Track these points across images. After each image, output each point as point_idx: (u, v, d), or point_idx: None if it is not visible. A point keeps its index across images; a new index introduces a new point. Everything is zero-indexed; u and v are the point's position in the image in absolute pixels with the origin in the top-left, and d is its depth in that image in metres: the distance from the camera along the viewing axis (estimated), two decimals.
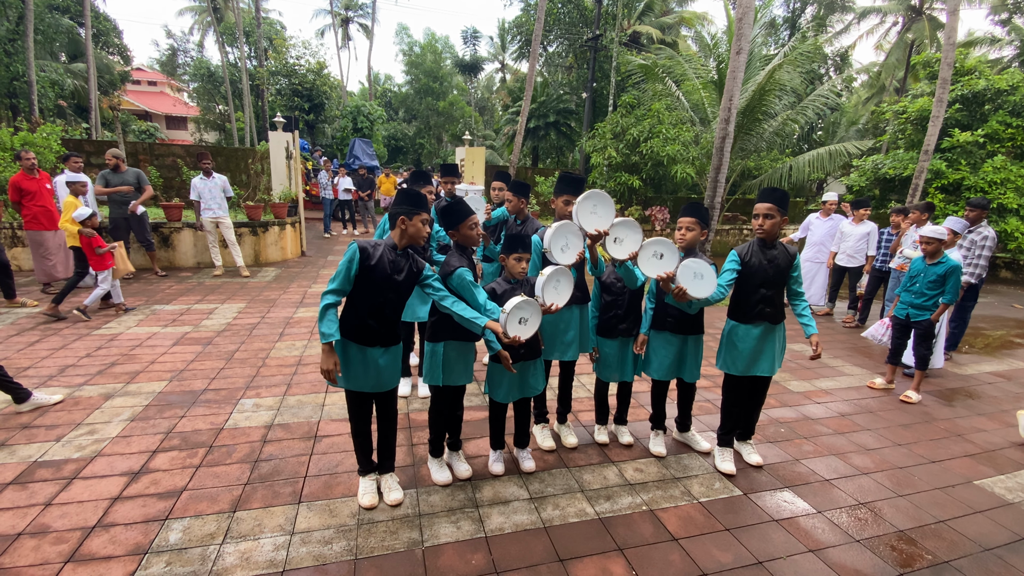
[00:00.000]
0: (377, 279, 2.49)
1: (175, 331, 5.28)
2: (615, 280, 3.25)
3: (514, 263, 2.82)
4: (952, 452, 3.67)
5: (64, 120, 22.62)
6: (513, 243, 2.84)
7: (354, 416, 2.69)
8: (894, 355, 4.76)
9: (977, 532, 2.78)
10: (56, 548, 2.31)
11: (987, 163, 10.95)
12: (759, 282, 3.03)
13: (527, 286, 2.89)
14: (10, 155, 7.64)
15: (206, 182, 7.45)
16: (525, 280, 2.91)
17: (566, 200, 3.15)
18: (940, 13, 23.14)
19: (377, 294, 2.51)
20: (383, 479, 2.83)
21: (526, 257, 2.84)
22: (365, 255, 2.46)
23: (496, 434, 3.11)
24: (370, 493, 2.74)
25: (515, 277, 2.87)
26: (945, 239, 4.33)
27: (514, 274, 2.85)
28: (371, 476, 2.81)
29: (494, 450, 3.13)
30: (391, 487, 2.79)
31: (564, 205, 3.17)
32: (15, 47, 18.07)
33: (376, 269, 2.48)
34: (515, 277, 2.87)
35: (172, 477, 2.88)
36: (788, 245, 3.13)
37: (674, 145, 12.25)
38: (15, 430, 3.29)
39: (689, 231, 3.02)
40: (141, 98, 36.31)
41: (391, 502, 2.72)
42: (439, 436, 2.99)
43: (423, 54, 32.34)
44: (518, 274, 2.84)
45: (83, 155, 7.04)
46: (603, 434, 3.54)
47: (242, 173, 13.60)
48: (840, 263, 7.09)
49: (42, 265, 6.20)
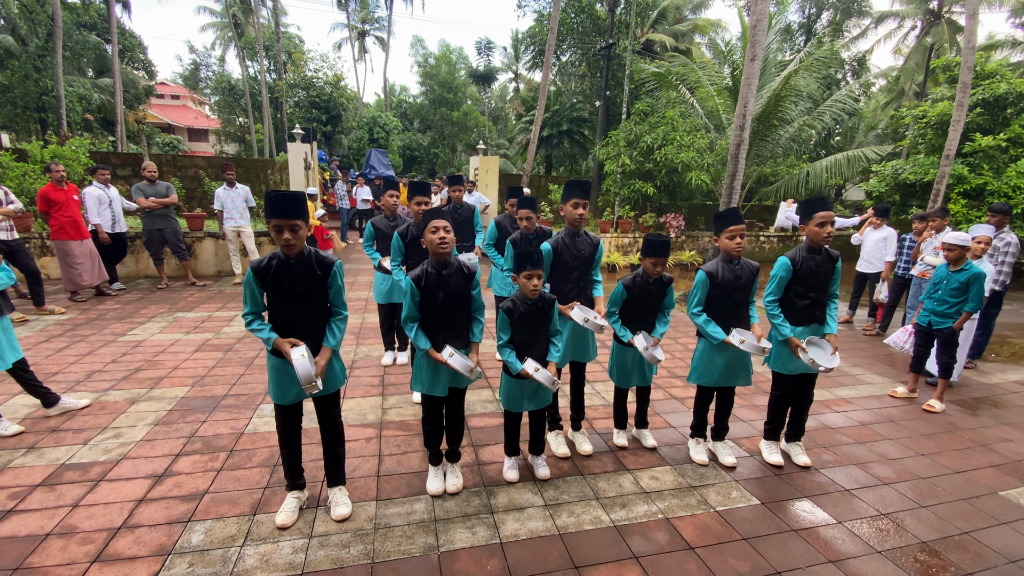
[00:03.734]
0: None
1: (197, 338, 5.40)
2: (641, 285, 3.26)
3: (525, 281, 2.75)
4: (977, 462, 3.58)
5: (91, 133, 23.32)
6: (522, 261, 2.74)
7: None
8: (917, 363, 4.67)
9: (1003, 544, 2.71)
10: (83, 548, 2.38)
11: (1010, 167, 10.74)
12: (809, 287, 3.18)
13: (541, 312, 2.86)
14: (40, 167, 7.91)
15: (229, 192, 7.63)
16: (540, 297, 2.83)
17: (575, 203, 3.23)
18: (959, 16, 22.78)
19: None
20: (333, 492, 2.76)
21: (537, 273, 2.74)
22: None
23: (510, 441, 3.13)
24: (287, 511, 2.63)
25: (529, 297, 2.79)
26: (969, 246, 4.26)
27: (526, 293, 2.77)
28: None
29: (508, 456, 3.15)
30: (338, 501, 2.71)
31: (572, 208, 3.24)
32: (44, 63, 18.72)
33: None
34: (529, 297, 2.79)
35: (194, 480, 2.94)
36: (831, 249, 3.26)
37: (688, 152, 12.22)
38: (44, 433, 3.39)
39: (743, 238, 3.17)
40: (165, 111, 37.28)
41: (336, 517, 2.63)
42: (427, 443, 2.95)
43: (437, 65, 32.72)
44: (531, 292, 2.75)
45: (109, 167, 7.25)
46: (622, 437, 3.55)
47: (262, 183, 13.89)
48: (860, 269, 7.01)
49: (69, 274, 6.39)
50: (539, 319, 2.87)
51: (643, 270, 3.24)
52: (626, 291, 3.25)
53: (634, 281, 3.25)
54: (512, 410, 3.00)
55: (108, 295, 6.93)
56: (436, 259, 2.72)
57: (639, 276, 3.25)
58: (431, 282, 2.68)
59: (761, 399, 4.45)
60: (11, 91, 18.32)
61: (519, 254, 2.77)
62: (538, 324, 2.88)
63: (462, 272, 2.77)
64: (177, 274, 8.10)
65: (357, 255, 11.28)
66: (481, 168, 13.08)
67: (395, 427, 3.67)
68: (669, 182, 13.53)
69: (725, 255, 3.19)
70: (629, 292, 3.25)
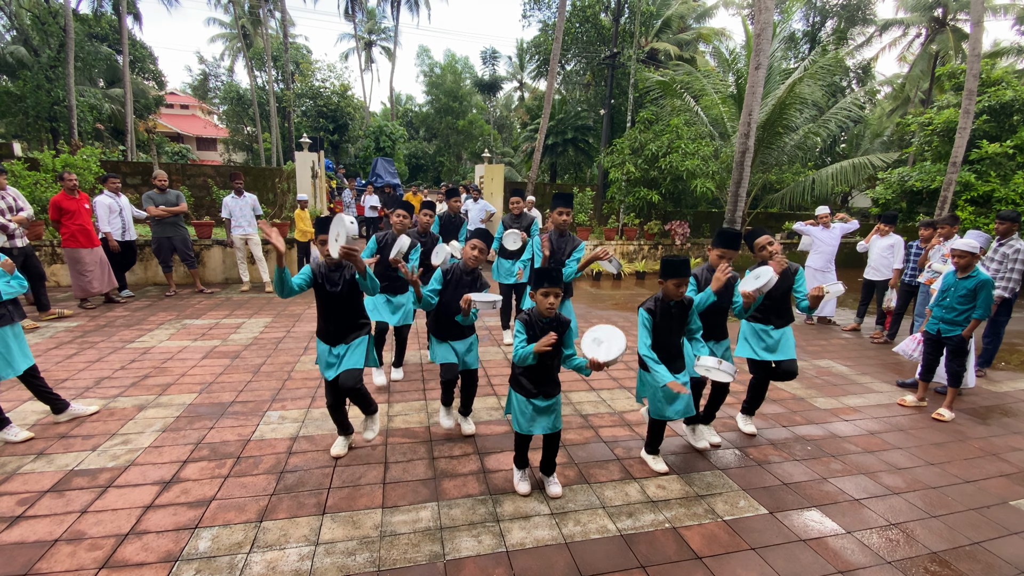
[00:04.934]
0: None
1: (204, 345, 5.44)
2: (663, 310, 3.11)
3: (541, 299, 2.70)
4: (987, 472, 3.54)
5: (102, 143, 23.59)
6: (540, 279, 2.69)
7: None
8: (926, 371, 4.63)
9: (1014, 554, 2.67)
10: (91, 555, 2.39)
11: (1017, 174, 10.69)
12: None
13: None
14: (51, 176, 8.02)
15: (237, 201, 7.71)
16: (556, 318, 2.79)
17: (559, 211, 4.21)
18: (964, 24, 22.80)
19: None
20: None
21: (554, 292, 2.69)
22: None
23: (520, 456, 3.05)
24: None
25: (545, 316, 2.75)
26: (978, 252, 4.23)
27: (542, 311, 2.73)
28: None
29: (519, 469, 3.08)
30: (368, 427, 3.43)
31: (557, 215, 4.24)
32: (56, 73, 19.00)
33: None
34: (545, 316, 2.75)
35: (201, 487, 2.95)
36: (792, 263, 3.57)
37: (693, 160, 12.24)
38: (53, 439, 3.42)
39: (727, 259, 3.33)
40: (174, 121, 37.75)
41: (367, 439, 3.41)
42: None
43: (443, 75, 33.02)
44: (546, 311, 2.72)
45: (119, 176, 7.34)
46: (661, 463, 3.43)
47: (269, 192, 14.01)
48: (867, 277, 6.99)
49: (79, 281, 6.46)
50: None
51: (663, 293, 3.08)
52: (651, 316, 3.08)
53: (656, 305, 3.10)
54: (522, 432, 2.91)
55: (117, 302, 7.00)
56: (467, 265, 3.41)
57: (659, 300, 3.10)
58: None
59: (769, 407, 4.42)
60: (23, 101, 18.61)
61: (537, 272, 2.71)
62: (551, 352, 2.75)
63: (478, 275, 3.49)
64: (185, 281, 8.17)
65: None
66: (486, 176, 13.13)
67: (400, 434, 3.68)
68: (674, 190, 13.54)
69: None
70: (653, 317, 3.08)
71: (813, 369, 5.53)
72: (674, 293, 3.03)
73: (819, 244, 7.31)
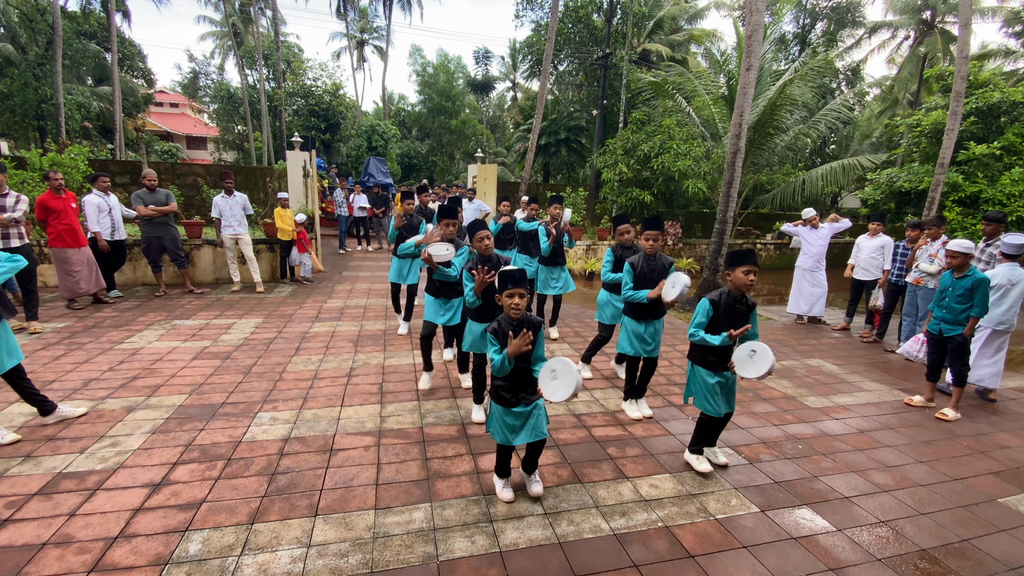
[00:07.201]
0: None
1: (194, 346, 5.39)
2: (727, 303, 3.12)
3: (507, 300, 2.71)
4: (976, 469, 3.59)
5: (90, 141, 23.36)
6: (503, 280, 2.71)
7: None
8: (932, 372, 4.67)
9: (1002, 551, 2.71)
10: (80, 558, 2.36)
11: (1004, 175, 10.83)
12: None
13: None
14: (39, 175, 7.90)
15: (227, 200, 7.64)
16: (526, 319, 2.76)
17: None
18: (952, 27, 23.08)
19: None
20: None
21: (519, 292, 2.69)
22: None
23: (502, 465, 2.98)
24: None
25: (512, 318, 2.74)
26: (972, 252, 4.28)
27: (508, 312, 2.74)
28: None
29: (500, 478, 3.01)
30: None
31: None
32: (44, 71, 18.77)
33: None
34: (512, 318, 2.74)
35: (192, 489, 2.92)
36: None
37: (685, 160, 12.30)
38: (40, 442, 3.37)
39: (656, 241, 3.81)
40: (163, 119, 37.37)
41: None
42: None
43: (436, 74, 32.95)
44: (513, 313, 2.72)
45: (108, 175, 7.25)
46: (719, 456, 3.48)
47: (260, 191, 13.92)
48: (856, 277, 7.06)
49: (66, 281, 6.37)
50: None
51: (732, 286, 3.04)
52: (712, 308, 3.08)
53: (721, 297, 3.08)
54: (503, 443, 2.84)
55: (105, 303, 6.91)
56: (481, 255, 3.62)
57: (725, 294, 3.09)
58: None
59: (760, 406, 4.45)
60: (10, 99, 18.37)
61: (501, 273, 2.71)
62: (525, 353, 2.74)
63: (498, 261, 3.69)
64: (175, 282, 8.08)
65: (355, 262, 11.28)
66: (480, 176, 13.13)
67: (393, 435, 3.66)
68: (666, 190, 13.60)
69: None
70: (716, 309, 3.08)
71: (803, 368, 5.57)
72: (744, 282, 3.00)
73: (807, 244, 7.39)
